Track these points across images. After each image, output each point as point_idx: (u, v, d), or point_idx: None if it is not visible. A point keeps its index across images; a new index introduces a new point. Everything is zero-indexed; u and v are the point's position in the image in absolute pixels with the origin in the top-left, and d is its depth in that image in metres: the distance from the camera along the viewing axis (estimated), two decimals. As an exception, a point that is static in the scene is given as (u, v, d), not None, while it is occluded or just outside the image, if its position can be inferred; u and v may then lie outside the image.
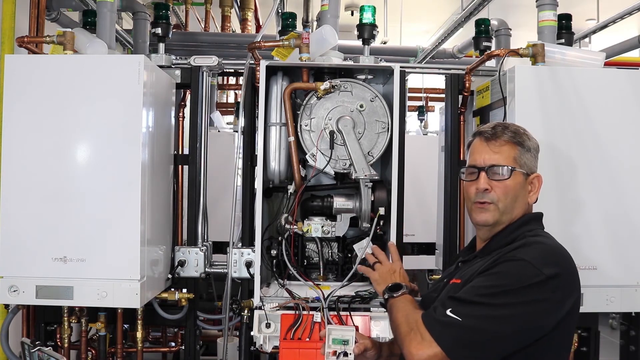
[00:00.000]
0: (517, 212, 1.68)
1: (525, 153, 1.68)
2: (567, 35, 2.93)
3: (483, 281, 1.54)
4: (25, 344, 2.35)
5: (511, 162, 1.67)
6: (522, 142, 1.69)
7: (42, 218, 2.32)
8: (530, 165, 1.69)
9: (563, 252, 1.59)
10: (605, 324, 5.71)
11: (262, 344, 2.31)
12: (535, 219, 1.72)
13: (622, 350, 2.83)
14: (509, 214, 1.67)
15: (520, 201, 1.68)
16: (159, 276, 2.61)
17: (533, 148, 1.71)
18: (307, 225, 2.44)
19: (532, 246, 1.57)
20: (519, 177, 1.67)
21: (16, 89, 2.34)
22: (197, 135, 2.80)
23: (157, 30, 2.86)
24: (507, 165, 1.66)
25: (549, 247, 1.59)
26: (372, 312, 2.36)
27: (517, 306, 1.47)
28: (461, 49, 4.78)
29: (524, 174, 1.67)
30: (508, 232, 1.66)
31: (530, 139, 1.72)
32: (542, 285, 1.48)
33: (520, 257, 1.53)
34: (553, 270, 1.49)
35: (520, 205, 1.68)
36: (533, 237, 1.61)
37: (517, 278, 1.49)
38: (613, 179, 2.45)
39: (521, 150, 1.68)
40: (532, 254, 1.53)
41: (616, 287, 2.43)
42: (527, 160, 1.68)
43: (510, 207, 1.67)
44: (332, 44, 2.55)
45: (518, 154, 1.68)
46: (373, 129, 2.48)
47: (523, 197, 1.68)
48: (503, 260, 1.55)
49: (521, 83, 2.41)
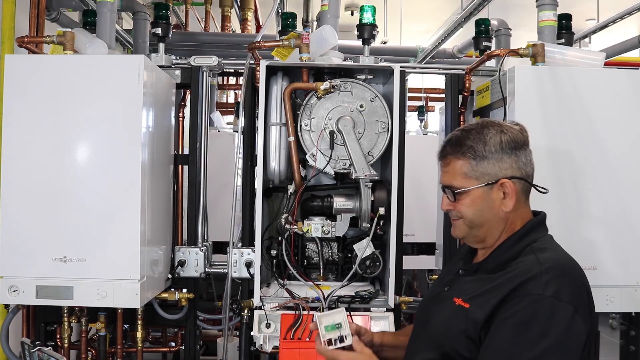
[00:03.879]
0: (504, 226, 1.52)
1: (481, 162, 1.48)
2: (567, 35, 2.93)
3: (508, 338, 1.34)
4: (25, 344, 2.35)
5: (461, 180, 1.51)
6: (472, 152, 1.49)
7: (42, 218, 2.32)
8: (492, 172, 1.48)
9: (574, 265, 1.47)
10: (605, 324, 5.71)
11: (262, 344, 2.31)
12: (537, 224, 1.55)
13: (622, 350, 2.83)
14: (481, 228, 1.52)
15: (490, 211, 1.50)
16: (159, 276, 2.61)
17: (495, 150, 1.49)
18: (307, 225, 2.44)
19: (544, 270, 1.39)
20: (477, 192, 1.49)
21: (16, 89, 2.34)
22: (197, 135, 2.80)
23: (157, 30, 2.86)
24: (455, 187, 1.51)
25: (562, 265, 1.43)
26: (372, 312, 2.37)
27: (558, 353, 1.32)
28: (461, 49, 4.78)
29: (485, 185, 1.49)
30: (509, 246, 1.50)
31: (487, 142, 1.49)
32: (573, 318, 1.34)
33: (538, 292, 1.35)
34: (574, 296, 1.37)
35: (495, 215, 1.50)
36: (539, 254, 1.45)
37: (546, 323, 1.32)
38: (613, 179, 2.45)
39: (473, 162, 1.49)
40: (548, 283, 1.36)
41: (616, 287, 2.42)
42: (485, 169, 1.49)
43: (478, 220, 1.51)
44: (332, 44, 2.55)
45: (469, 168, 1.49)
46: (373, 129, 2.48)
47: (492, 207, 1.50)
48: (519, 299, 1.36)
49: (521, 83, 2.41)
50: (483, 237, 1.55)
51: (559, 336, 1.32)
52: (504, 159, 1.49)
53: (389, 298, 2.39)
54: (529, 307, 1.34)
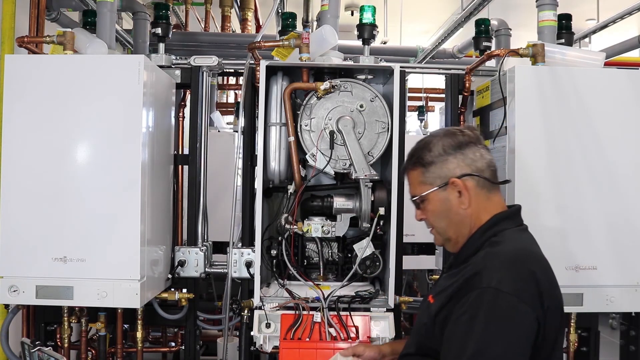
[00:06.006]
0: (468, 222, 1.58)
1: (430, 167, 1.60)
2: (567, 35, 2.93)
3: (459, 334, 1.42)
4: (25, 344, 2.35)
5: (419, 187, 1.63)
6: (420, 160, 1.61)
7: (42, 218, 2.32)
8: (442, 175, 1.59)
9: (526, 255, 1.50)
10: (605, 324, 5.70)
11: (262, 344, 2.31)
12: (503, 218, 1.59)
13: (622, 350, 2.83)
14: (449, 230, 1.61)
15: (452, 212, 1.59)
16: (159, 276, 2.61)
17: (439, 154, 1.59)
18: (307, 225, 2.44)
19: (489, 264, 1.46)
20: (435, 196, 1.60)
21: (16, 89, 2.34)
22: (197, 135, 2.80)
23: (157, 30, 2.86)
24: (416, 195, 1.64)
25: (509, 257, 1.47)
26: (372, 312, 2.37)
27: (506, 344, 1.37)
28: (461, 49, 4.78)
29: (439, 188, 1.59)
30: (472, 241, 1.58)
31: (431, 148, 1.60)
32: (515, 308, 1.39)
33: (482, 285, 1.42)
34: (517, 286, 1.41)
35: (457, 214, 1.58)
36: (491, 248, 1.51)
37: (488, 314, 1.38)
38: (613, 179, 2.45)
39: (424, 169, 1.61)
40: (491, 276, 1.42)
41: (616, 287, 2.42)
42: (434, 173, 1.59)
43: (446, 226, 1.61)
44: (332, 44, 2.55)
45: (422, 175, 1.61)
46: (373, 129, 2.48)
47: (452, 207, 1.59)
48: (467, 295, 1.43)
49: (521, 83, 2.41)
50: (456, 239, 1.62)
51: (500, 326, 1.38)
52: (449, 160, 1.59)
53: (389, 298, 2.39)
54: (475, 301, 1.41)
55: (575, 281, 2.39)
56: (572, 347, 2.69)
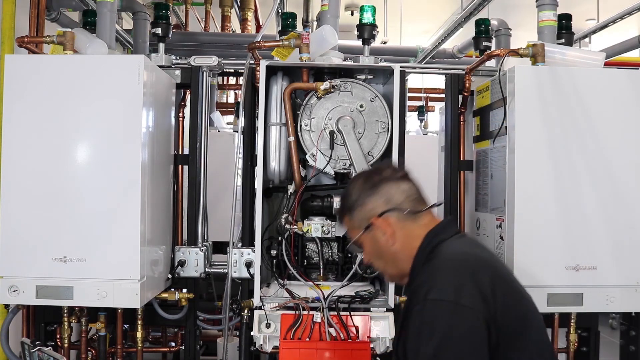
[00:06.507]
0: (403, 256, 1.60)
1: (353, 212, 1.64)
2: (567, 35, 2.93)
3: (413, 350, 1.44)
4: (25, 344, 2.35)
5: (351, 233, 1.67)
6: (344, 208, 1.67)
7: (42, 218, 2.32)
8: (364, 217, 1.62)
9: (458, 259, 1.51)
10: (605, 324, 5.70)
11: (262, 344, 2.31)
12: (437, 232, 1.60)
13: (622, 350, 2.83)
14: (390, 266, 1.65)
15: (385, 249, 1.61)
16: (159, 276, 2.61)
17: (356, 197, 1.64)
18: (307, 225, 2.44)
19: (424, 279, 1.49)
20: (365, 238, 1.63)
21: (16, 89, 2.34)
22: (197, 135, 2.80)
23: (157, 30, 2.86)
24: (350, 241, 1.68)
25: (439, 267, 1.50)
26: (372, 312, 2.37)
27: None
28: (461, 49, 4.78)
29: (365, 230, 1.62)
30: (417, 264, 1.58)
31: (350, 195, 1.66)
32: (454, 310, 1.40)
33: (420, 300, 1.44)
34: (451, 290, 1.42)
35: (389, 250, 1.60)
36: (426, 265, 1.54)
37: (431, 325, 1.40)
38: (613, 179, 2.44)
39: (350, 215, 1.65)
40: (426, 289, 1.44)
41: (616, 287, 2.42)
42: (358, 217, 1.63)
43: (384, 265, 1.66)
44: (332, 44, 2.55)
45: (350, 221, 1.66)
46: (373, 129, 2.48)
47: (383, 245, 1.61)
48: (413, 313, 1.46)
49: (521, 83, 2.41)
50: (399, 274, 1.65)
51: (445, 332, 1.39)
52: (367, 202, 1.62)
53: (389, 298, 2.39)
54: (417, 317, 1.44)
55: (575, 281, 2.39)
56: (572, 347, 2.69)
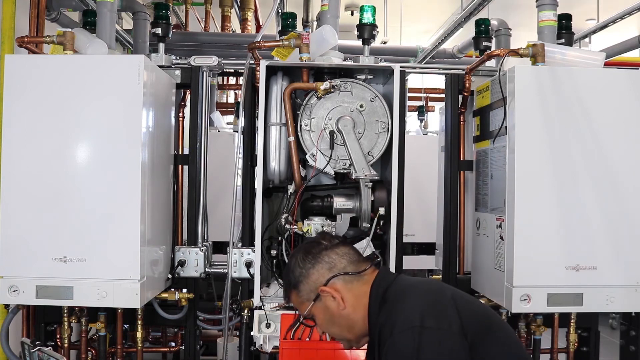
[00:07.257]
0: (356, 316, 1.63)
1: (299, 286, 1.66)
2: (567, 35, 2.93)
3: None
4: (25, 344, 2.35)
5: (301, 307, 1.67)
6: (290, 285, 1.68)
7: (42, 218, 2.32)
8: (311, 288, 1.64)
9: (410, 289, 1.58)
10: (605, 324, 5.70)
11: (262, 344, 2.31)
12: (379, 281, 1.64)
13: (622, 350, 2.83)
14: (345, 331, 1.66)
15: (337, 316, 1.63)
16: (159, 276, 2.61)
17: (299, 272, 1.66)
18: (307, 225, 2.44)
19: (385, 318, 1.52)
20: (316, 309, 1.65)
21: (16, 89, 2.34)
22: (197, 135, 2.80)
23: (157, 30, 2.86)
24: (302, 315, 1.69)
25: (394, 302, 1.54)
26: (372, 312, 2.36)
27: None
28: (461, 49, 4.77)
29: (315, 301, 1.63)
30: (372, 317, 1.60)
31: (293, 270, 1.67)
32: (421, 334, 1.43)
33: (387, 338, 1.47)
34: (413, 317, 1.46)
35: (341, 315, 1.63)
36: (384, 308, 1.56)
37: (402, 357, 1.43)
38: (613, 179, 2.44)
39: (296, 290, 1.67)
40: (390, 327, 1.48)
41: (616, 287, 2.42)
42: (305, 290, 1.65)
43: (340, 331, 1.67)
44: (332, 44, 2.55)
45: (298, 296, 1.67)
46: (373, 129, 2.48)
47: (335, 312, 1.63)
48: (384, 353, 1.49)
49: (521, 83, 2.41)
50: (355, 337, 1.67)
51: (419, 356, 1.41)
52: (310, 273, 1.65)
53: (389, 298, 2.38)
54: (391, 353, 1.45)
55: (575, 281, 2.39)
56: (572, 347, 2.69)
